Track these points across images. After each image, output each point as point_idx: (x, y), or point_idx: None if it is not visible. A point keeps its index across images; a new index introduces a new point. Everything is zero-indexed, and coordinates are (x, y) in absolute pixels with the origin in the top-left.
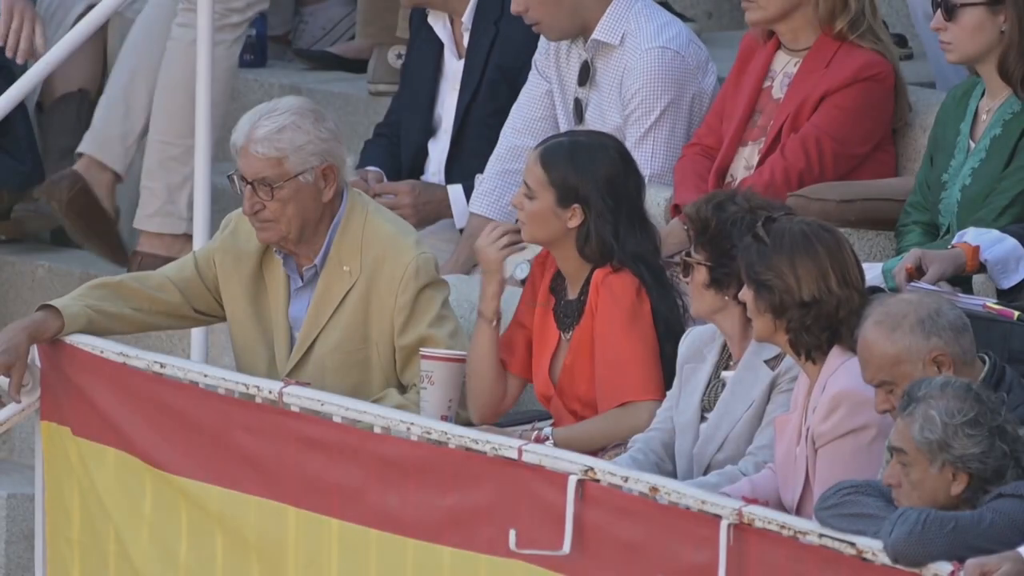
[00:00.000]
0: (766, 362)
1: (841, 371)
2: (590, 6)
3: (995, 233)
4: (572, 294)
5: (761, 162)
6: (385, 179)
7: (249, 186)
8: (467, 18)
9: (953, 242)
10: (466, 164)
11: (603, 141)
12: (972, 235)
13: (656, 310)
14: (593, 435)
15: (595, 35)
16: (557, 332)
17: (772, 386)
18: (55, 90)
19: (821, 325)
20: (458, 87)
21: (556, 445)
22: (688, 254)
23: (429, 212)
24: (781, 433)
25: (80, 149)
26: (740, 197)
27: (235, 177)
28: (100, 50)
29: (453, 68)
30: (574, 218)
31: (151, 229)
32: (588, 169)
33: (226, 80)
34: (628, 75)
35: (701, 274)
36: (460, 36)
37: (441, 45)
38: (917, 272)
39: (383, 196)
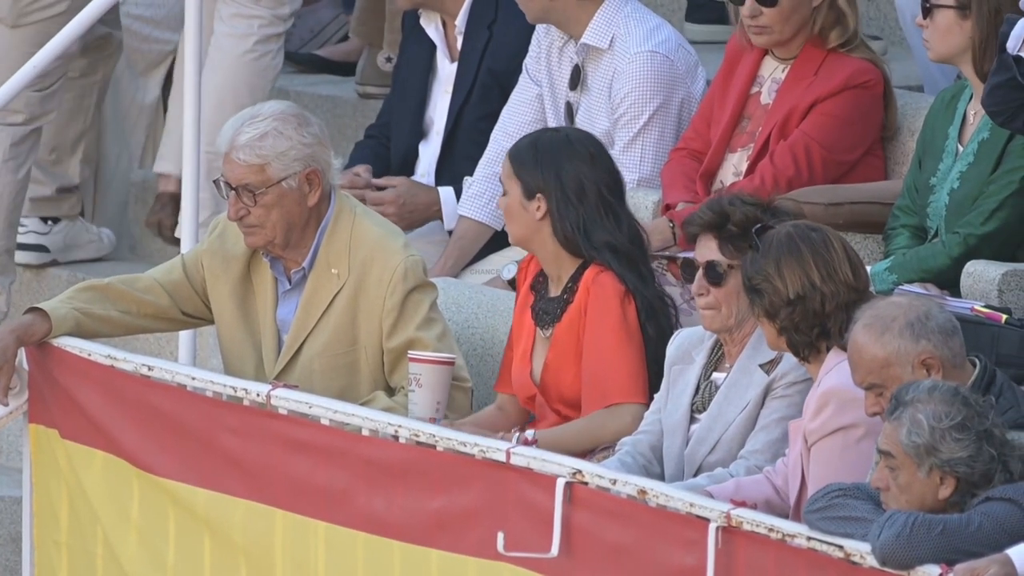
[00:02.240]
0: (761, 366)
1: (834, 370)
2: (572, 8)
3: None
4: (554, 292)
5: (751, 169)
6: (366, 170)
7: (233, 192)
8: (460, 21)
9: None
10: (457, 167)
11: (570, 135)
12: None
13: (635, 295)
14: (578, 437)
15: (584, 39)
16: (533, 328)
17: (767, 391)
18: None
19: (809, 322)
20: (450, 90)
21: (540, 447)
22: (712, 262)
23: (415, 217)
24: (795, 438)
25: (161, 170)
26: (747, 196)
27: (221, 182)
28: None
29: (446, 71)
30: (539, 209)
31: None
32: (549, 161)
33: (271, 90)
34: (617, 79)
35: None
36: (453, 39)
37: (433, 47)
38: None
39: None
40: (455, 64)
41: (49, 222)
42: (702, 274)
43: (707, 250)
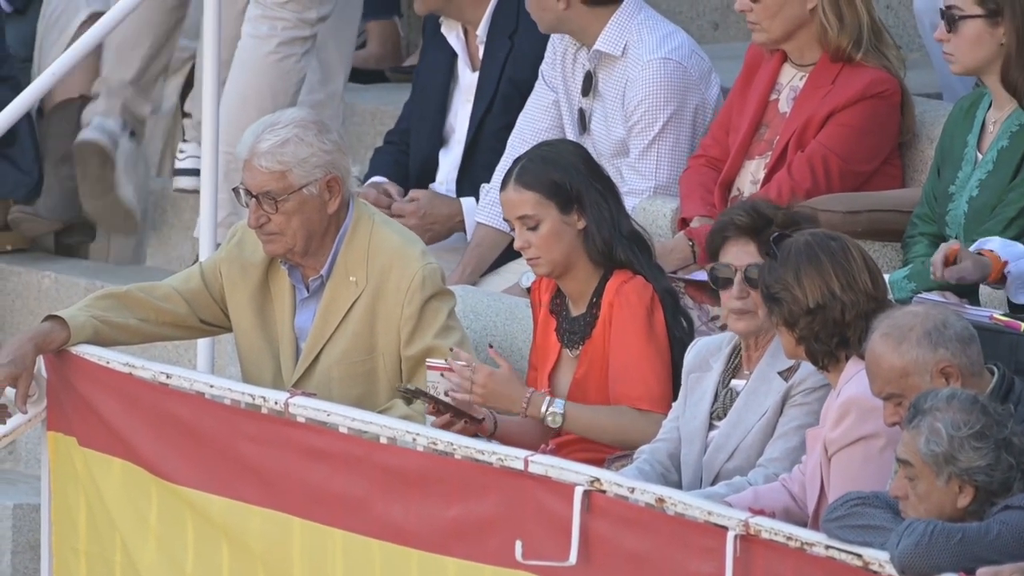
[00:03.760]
0: (779, 373)
1: (854, 379)
2: (585, 17)
3: (1020, 247)
4: (577, 311)
5: (768, 177)
6: (397, 192)
7: (254, 199)
8: (482, 31)
9: (978, 247)
10: (477, 176)
11: (555, 141)
12: (998, 245)
13: (661, 294)
14: (604, 422)
15: (597, 46)
16: (558, 347)
17: (785, 398)
18: (55, 96)
19: (829, 331)
20: (472, 99)
21: (565, 415)
22: (754, 266)
23: (437, 229)
24: (812, 446)
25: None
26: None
27: (240, 190)
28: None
29: (467, 80)
30: (580, 219)
31: (220, 241)
32: (567, 166)
33: (295, 93)
34: (631, 87)
35: None
36: (475, 48)
37: (454, 54)
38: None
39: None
40: (476, 73)
41: None
42: (742, 278)
43: (745, 254)
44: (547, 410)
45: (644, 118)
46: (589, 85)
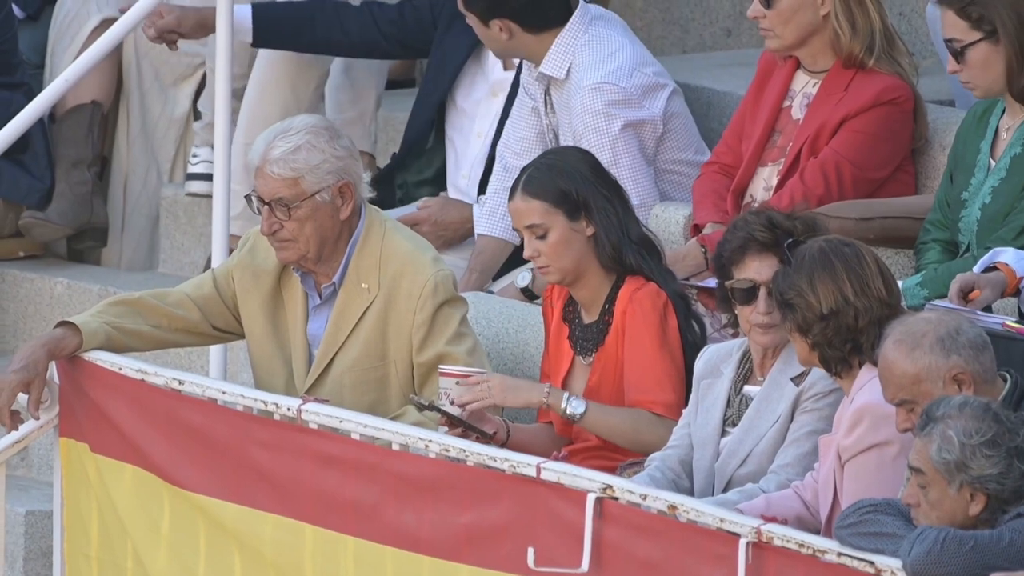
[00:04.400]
0: (792, 379)
1: (868, 386)
2: (530, 43)
3: None
4: (589, 318)
5: (780, 184)
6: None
7: (267, 206)
8: None
9: (992, 261)
10: None
11: (561, 148)
12: (1012, 258)
13: (673, 298)
14: (621, 421)
15: (541, 68)
16: (571, 355)
17: (796, 403)
18: (67, 101)
19: (843, 337)
20: (501, 96)
21: (587, 407)
22: (756, 283)
23: (448, 235)
24: (825, 453)
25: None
26: (794, 211)
27: (253, 197)
28: (115, 63)
29: (497, 74)
30: (589, 225)
31: (233, 232)
32: (573, 171)
33: (316, 88)
34: (573, 116)
35: None
36: None
37: (477, 42)
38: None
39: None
40: (510, 73)
41: None
42: (767, 293)
43: (768, 268)
44: (568, 400)
45: (592, 149)
46: (547, 102)
